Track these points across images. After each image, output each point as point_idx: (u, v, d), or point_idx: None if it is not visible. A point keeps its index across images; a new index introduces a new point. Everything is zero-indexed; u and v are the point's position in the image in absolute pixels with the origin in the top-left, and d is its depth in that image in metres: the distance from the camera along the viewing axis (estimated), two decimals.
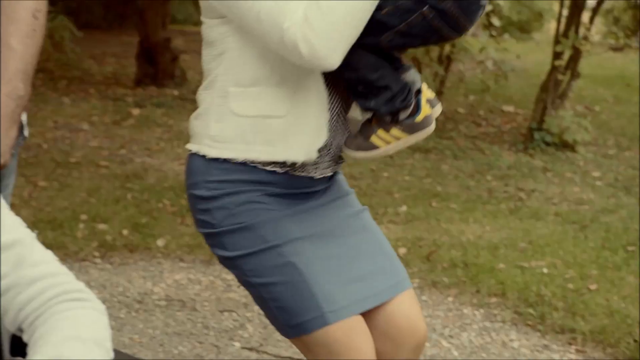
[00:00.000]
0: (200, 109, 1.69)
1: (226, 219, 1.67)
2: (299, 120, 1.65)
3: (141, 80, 8.75)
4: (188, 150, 1.73)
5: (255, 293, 1.73)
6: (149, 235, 4.31)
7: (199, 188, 1.68)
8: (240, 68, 1.63)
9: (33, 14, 1.46)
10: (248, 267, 1.69)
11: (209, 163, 1.67)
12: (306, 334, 1.70)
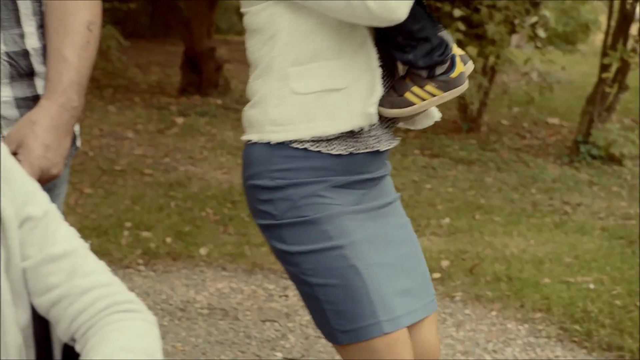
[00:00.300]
0: (256, 98, 1.67)
1: (289, 211, 1.65)
2: (357, 86, 1.65)
3: (185, 89, 8.84)
4: (245, 143, 1.71)
5: (308, 292, 1.70)
6: (191, 244, 4.34)
7: (261, 178, 1.66)
8: (296, 46, 1.63)
9: (87, 27, 1.47)
10: (307, 266, 1.66)
11: (272, 151, 1.65)
12: (358, 341, 1.68)
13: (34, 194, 1.16)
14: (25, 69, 1.47)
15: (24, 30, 1.46)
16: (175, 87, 9.14)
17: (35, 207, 1.14)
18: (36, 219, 1.14)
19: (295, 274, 1.70)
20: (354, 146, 1.69)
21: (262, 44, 1.66)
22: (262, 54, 1.66)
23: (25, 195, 1.14)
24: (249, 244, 4.38)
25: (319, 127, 1.63)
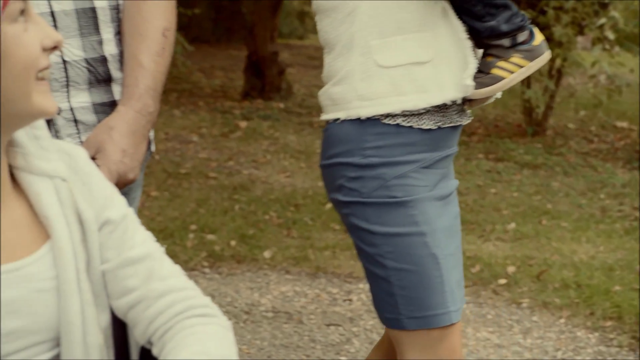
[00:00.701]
0: (339, 76, 1.67)
1: (378, 190, 1.65)
2: (444, 59, 1.64)
3: (248, 93, 8.92)
4: (327, 122, 1.71)
5: (381, 275, 1.69)
6: (255, 247, 4.36)
7: (352, 155, 1.65)
8: (378, 19, 1.63)
9: (163, 33, 1.49)
10: (387, 249, 1.66)
11: (363, 128, 1.65)
12: (426, 328, 1.69)
13: (112, 198, 1.18)
14: (103, 75, 1.49)
15: (103, 36, 1.49)
16: (238, 91, 9.23)
17: (114, 211, 1.16)
18: (115, 222, 1.15)
19: (371, 254, 1.69)
20: (441, 120, 1.68)
21: (339, 21, 1.65)
22: (341, 32, 1.65)
23: (105, 198, 1.16)
24: (312, 247, 4.39)
25: (410, 101, 1.63)
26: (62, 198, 1.11)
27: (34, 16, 1.04)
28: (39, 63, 1.02)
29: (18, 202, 1.10)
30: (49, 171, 1.11)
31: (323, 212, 5.02)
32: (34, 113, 1.04)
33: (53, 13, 1.42)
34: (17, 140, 1.12)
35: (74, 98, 1.46)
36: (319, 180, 5.76)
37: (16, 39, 1.00)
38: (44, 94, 1.05)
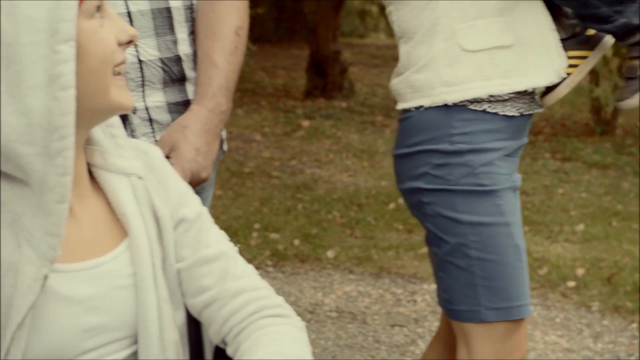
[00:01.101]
0: (421, 63, 1.66)
1: (465, 178, 1.63)
2: (526, 46, 1.63)
3: (311, 92, 8.93)
4: (404, 110, 1.71)
5: (462, 265, 1.67)
6: (319, 246, 4.36)
7: (439, 142, 1.64)
8: (461, 3, 1.62)
9: (236, 32, 1.50)
10: (473, 238, 1.65)
11: (449, 114, 1.64)
12: (506, 320, 1.67)
13: (187, 196, 1.18)
14: (177, 75, 1.50)
15: (177, 36, 1.49)
16: (301, 90, 9.26)
17: (189, 209, 1.16)
18: (190, 221, 1.15)
19: (454, 244, 1.67)
20: (522, 107, 1.67)
21: (420, 8, 1.64)
22: (422, 19, 1.64)
23: (180, 197, 1.17)
24: (376, 247, 4.36)
25: (495, 86, 1.62)
26: (138, 196, 1.12)
27: (109, 12, 1.05)
28: (116, 58, 1.03)
29: (96, 200, 1.11)
30: (125, 169, 1.12)
31: (386, 211, 4.99)
32: (112, 108, 1.05)
33: (130, 13, 1.44)
34: (95, 138, 1.13)
35: (149, 97, 1.47)
36: (382, 180, 5.73)
37: (93, 35, 1.00)
38: (121, 88, 1.06)
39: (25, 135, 0.96)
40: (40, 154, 0.97)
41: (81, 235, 1.07)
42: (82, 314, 1.04)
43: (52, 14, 0.95)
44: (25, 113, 0.96)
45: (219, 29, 1.48)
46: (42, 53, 0.95)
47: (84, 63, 1.00)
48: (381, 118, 8.08)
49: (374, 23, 18.04)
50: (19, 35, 0.95)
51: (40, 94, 0.95)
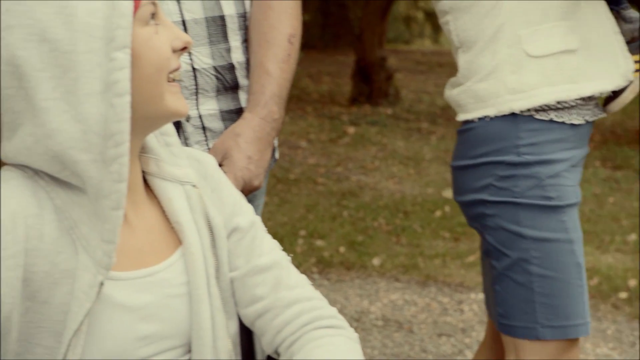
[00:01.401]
0: (484, 72, 1.63)
1: (532, 190, 1.60)
2: (591, 50, 1.61)
3: (356, 98, 8.93)
4: (465, 121, 1.68)
5: (522, 281, 1.64)
6: (364, 254, 4.34)
7: (506, 153, 1.61)
8: (525, 8, 1.59)
9: (289, 40, 1.49)
10: (536, 254, 1.61)
11: (516, 124, 1.61)
12: (563, 338, 1.64)
13: (241, 205, 1.18)
14: (230, 83, 1.50)
15: (231, 44, 1.49)
16: (346, 96, 9.25)
17: (243, 218, 1.16)
18: (244, 230, 1.15)
19: (514, 259, 1.63)
20: (587, 114, 1.65)
21: (481, 16, 1.62)
22: (484, 27, 1.62)
23: (234, 205, 1.16)
24: (422, 255, 4.33)
25: (562, 92, 1.59)
26: (192, 204, 1.12)
27: (163, 18, 1.05)
28: (170, 64, 1.04)
29: (150, 208, 1.11)
30: (180, 177, 1.12)
31: (433, 219, 4.95)
32: (167, 114, 1.05)
33: (184, 22, 1.44)
34: (150, 146, 1.13)
35: (202, 105, 1.48)
36: (428, 187, 5.69)
37: (148, 42, 1.01)
38: (176, 95, 1.06)
39: (81, 142, 0.97)
40: (96, 160, 0.97)
41: (136, 243, 1.07)
42: (137, 321, 1.04)
43: (108, 22, 0.96)
44: (81, 120, 0.96)
45: (272, 36, 1.48)
46: (98, 60, 0.96)
47: (139, 70, 1.00)
48: (427, 125, 8.03)
49: (419, 29, 17.97)
50: (76, 43, 0.95)
51: (96, 101, 0.96)
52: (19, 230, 0.97)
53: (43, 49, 0.96)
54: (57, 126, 0.97)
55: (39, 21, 0.95)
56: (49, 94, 0.96)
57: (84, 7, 0.96)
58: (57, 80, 0.96)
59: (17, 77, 0.97)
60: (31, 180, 1.01)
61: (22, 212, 0.98)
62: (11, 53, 0.96)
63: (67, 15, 0.96)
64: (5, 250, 0.96)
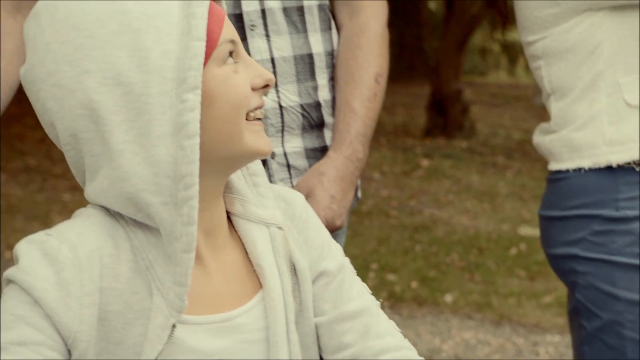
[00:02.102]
0: (581, 121, 1.57)
1: (629, 247, 1.52)
2: None
3: (430, 131, 8.88)
4: (557, 170, 1.62)
5: (614, 344, 1.55)
6: (437, 290, 4.28)
7: (603, 207, 1.54)
8: (624, 54, 1.54)
9: (375, 79, 1.48)
10: (631, 317, 1.53)
11: (614, 177, 1.54)
12: None
13: (329, 248, 1.15)
14: (316, 121, 1.50)
15: (318, 82, 1.49)
16: (420, 128, 9.21)
17: (331, 262, 1.13)
18: (332, 274, 1.12)
19: (608, 320, 1.55)
20: None
21: (578, 62, 1.56)
22: (581, 74, 1.56)
23: (322, 248, 1.13)
24: (496, 294, 4.24)
25: None
26: (276, 246, 1.09)
27: (244, 56, 1.04)
28: (250, 103, 1.02)
29: (232, 251, 1.09)
30: (265, 219, 1.10)
31: (508, 257, 4.85)
32: (247, 154, 1.03)
33: (273, 59, 1.45)
34: (235, 187, 1.11)
35: (288, 143, 1.47)
36: (503, 223, 5.59)
37: (225, 81, 1.00)
38: (257, 133, 1.04)
39: (152, 185, 0.97)
40: (167, 203, 0.97)
41: (213, 287, 1.05)
42: None
43: (180, 63, 0.96)
44: (153, 163, 0.96)
45: (359, 75, 1.47)
46: (170, 102, 0.96)
47: (216, 110, 0.99)
48: (503, 159, 7.92)
49: (494, 61, 17.80)
50: (149, 86, 0.96)
51: (167, 143, 0.96)
52: (95, 269, 0.97)
53: (117, 93, 0.96)
54: (130, 169, 0.97)
55: (114, 65, 0.96)
56: (123, 136, 0.97)
57: (158, 50, 0.96)
58: (131, 123, 0.96)
59: (93, 120, 0.98)
60: (112, 219, 1.02)
61: (98, 251, 0.98)
62: (88, 97, 0.97)
63: (141, 59, 0.96)
64: (82, 287, 0.96)
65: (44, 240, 0.98)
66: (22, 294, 0.96)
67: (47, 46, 0.99)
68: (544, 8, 1.57)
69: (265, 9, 1.43)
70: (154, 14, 0.97)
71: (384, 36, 1.52)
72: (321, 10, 1.51)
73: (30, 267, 0.96)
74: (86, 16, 0.98)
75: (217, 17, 1.01)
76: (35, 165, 7.01)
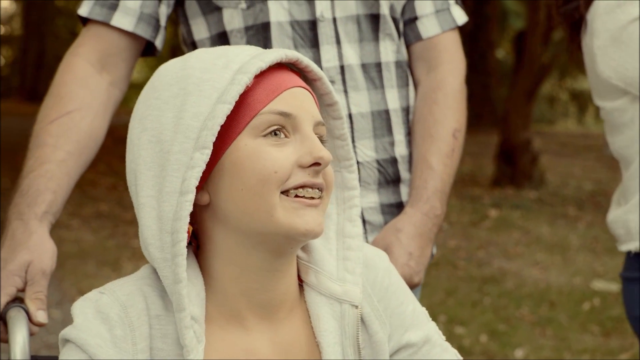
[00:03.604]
0: (633, 201, 1.53)
1: None
2: None
3: (499, 181, 8.76)
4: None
5: None
6: (507, 344, 4.17)
7: None
8: None
9: (453, 134, 1.47)
10: None
11: None
12: None
13: (413, 316, 1.10)
14: (392, 176, 1.49)
15: (395, 138, 1.49)
16: (488, 178, 9.10)
17: (415, 332, 1.09)
18: (415, 345, 1.08)
19: None
20: None
21: (632, 139, 1.53)
22: (635, 150, 1.53)
23: (404, 317, 1.09)
24: (569, 350, 4.11)
25: None
26: (345, 325, 1.05)
27: (303, 132, 1.00)
28: (282, 179, 0.97)
29: (297, 322, 1.06)
30: (339, 295, 1.05)
31: (580, 311, 4.70)
32: (282, 231, 0.98)
33: (351, 115, 1.45)
34: (316, 257, 1.07)
35: (363, 198, 1.46)
36: (576, 277, 5.44)
37: (254, 153, 0.97)
38: (295, 211, 0.98)
39: (158, 240, 0.98)
40: (166, 260, 0.97)
41: (275, 357, 1.03)
42: None
43: (203, 124, 0.96)
44: (160, 218, 0.98)
45: (436, 131, 1.46)
46: (184, 160, 0.96)
47: (241, 181, 0.97)
48: (574, 210, 7.74)
49: (562, 109, 17.56)
50: (173, 144, 0.97)
51: (173, 199, 0.97)
52: (144, 328, 0.98)
53: (155, 150, 0.99)
54: (145, 222, 0.99)
55: (161, 124, 0.99)
56: (148, 191, 0.99)
57: (191, 112, 0.97)
58: (157, 179, 0.98)
59: (134, 174, 1.01)
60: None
61: (146, 311, 0.99)
62: (139, 153, 1.00)
63: (178, 119, 0.98)
64: (135, 345, 0.97)
65: (98, 299, 0.99)
66: (78, 352, 0.97)
67: (136, 104, 1.04)
68: (604, 80, 1.54)
69: (344, 65, 1.45)
70: (206, 79, 0.98)
71: (461, 91, 1.52)
72: (398, 66, 1.51)
73: (85, 325, 0.98)
74: (162, 78, 1.02)
75: (271, 88, 0.99)
76: (107, 211, 7.16)
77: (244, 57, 1.00)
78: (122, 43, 1.45)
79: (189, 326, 0.96)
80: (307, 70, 1.04)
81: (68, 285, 4.87)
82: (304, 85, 1.03)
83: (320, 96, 1.07)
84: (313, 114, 1.02)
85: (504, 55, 16.41)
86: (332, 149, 1.08)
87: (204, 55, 1.02)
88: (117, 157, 9.26)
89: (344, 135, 1.08)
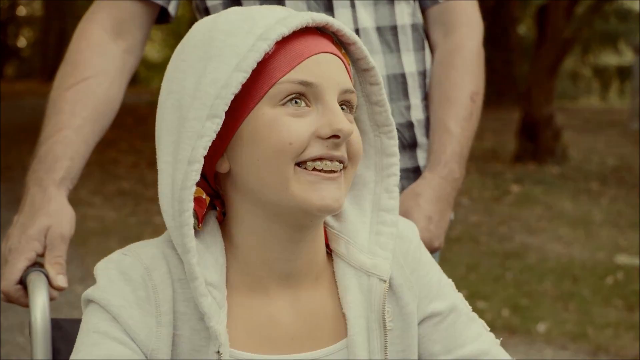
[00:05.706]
0: None
1: None
2: None
3: (521, 156, 8.70)
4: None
5: None
6: (529, 319, 4.16)
7: None
8: None
9: (471, 97, 1.46)
10: None
11: None
12: None
13: (439, 287, 1.09)
14: (408, 141, 1.48)
15: (411, 102, 1.47)
16: (510, 154, 9.03)
17: (441, 302, 1.07)
18: (441, 314, 1.07)
19: None
20: None
21: None
22: None
23: (431, 287, 1.08)
24: (592, 324, 4.08)
25: None
26: (372, 299, 1.03)
27: (326, 103, 0.97)
28: (297, 151, 0.95)
29: (324, 291, 1.05)
30: (368, 268, 1.03)
31: (604, 286, 4.67)
32: (296, 205, 0.95)
33: None
34: (349, 228, 1.05)
35: None
36: (599, 251, 5.40)
37: (272, 122, 0.95)
38: (310, 185, 0.95)
39: (170, 208, 0.96)
40: (177, 228, 0.96)
41: (292, 327, 1.02)
42: None
43: (218, 91, 0.93)
44: (172, 186, 0.96)
45: (454, 95, 1.45)
46: (197, 128, 0.94)
47: (258, 150, 0.95)
48: (597, 185, 7.67)
49: (585, 85, 17.36)
50: (190, 110, 0.95)
51: (183, 168, 0.94)
52: (168, 291, 0.97)
53: (175, 115, 0.97)
54: (162, 189, 0.98)
55: (183, 88, 0.96)
56: (166, 157, 0.97)
57: (210, 77, 0.94)
58: (174, 145, 0.96)
59: (158, 138, 0.99)
60: None
61: (169, 275, 0.98)
62: (162, 117, 0.99)
63: (198, 84, 0.95)
64: (158, 307, 0.97)
65: (121, 260, 0.99)
66: (101, 312, 0.97)
67: (169, 62, 1.02)
68: None
69: (359, 28, 1.42)
70: (229, 44, 0.95)
71: (479, 55, 1.50)
72: (414, 30, 1.49)
73: (108, 285, 0.97)
74: (191, 39, 1.00)
75: (293, 55, 0.96)
76: (128, 189, 7.21)
77: (269, 21, 0.96)
78: (136, 9, 1.44)
79: (205, 294, 0.96)
80: (340, 34, 1.00)
81: (91, 261, 4.91)
82: (333, 51, 0.99)
83: (356, 61, 1.03)
84: (339, 82, 0.98)
85: (526, 31, 16.22)
86: (371, 115, 1.05)
87: (232, 16, 0.99)
88: (139, 136, 9.32)
89: (381, 101, 1.04)
